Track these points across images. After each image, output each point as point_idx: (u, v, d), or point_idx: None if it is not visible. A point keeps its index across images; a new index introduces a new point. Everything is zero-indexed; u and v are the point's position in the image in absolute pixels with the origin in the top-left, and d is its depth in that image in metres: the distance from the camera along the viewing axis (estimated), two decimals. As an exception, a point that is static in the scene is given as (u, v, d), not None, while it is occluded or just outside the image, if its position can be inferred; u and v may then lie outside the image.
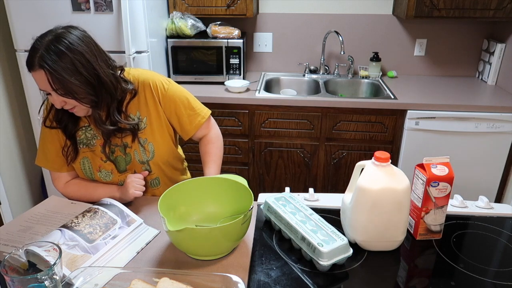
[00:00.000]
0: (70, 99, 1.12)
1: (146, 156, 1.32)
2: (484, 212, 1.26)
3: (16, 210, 2.39)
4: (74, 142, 1.27)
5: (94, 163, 1.30)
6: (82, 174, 1.33)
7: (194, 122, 1.36)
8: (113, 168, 1.32)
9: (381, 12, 2.67)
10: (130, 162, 1.32)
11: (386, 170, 1.04)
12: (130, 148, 1.30)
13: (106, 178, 1.32)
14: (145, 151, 1.31)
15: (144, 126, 1.30)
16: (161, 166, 1.37)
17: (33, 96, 2.21)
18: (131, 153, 1.31)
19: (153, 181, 1.38)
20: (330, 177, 2.46)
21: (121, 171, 1.32)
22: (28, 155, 2.53)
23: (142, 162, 1.32)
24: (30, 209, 1.23)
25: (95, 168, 1.31)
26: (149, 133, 1.31)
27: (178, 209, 1.13)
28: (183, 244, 1.01)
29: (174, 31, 2.43)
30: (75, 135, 1.27)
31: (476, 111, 2.21)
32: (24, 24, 2.06)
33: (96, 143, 1.29)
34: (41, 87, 1.12)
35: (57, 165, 1.32)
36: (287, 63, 2.84)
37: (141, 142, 1.30)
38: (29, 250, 0.86)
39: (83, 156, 1.30)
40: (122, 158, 1.31)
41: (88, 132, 1.28)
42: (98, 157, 1.29)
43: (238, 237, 1.05)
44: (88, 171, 1.31)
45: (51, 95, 1.13)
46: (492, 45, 2.56)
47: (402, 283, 0.99)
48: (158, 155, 1.33)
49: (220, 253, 1.05)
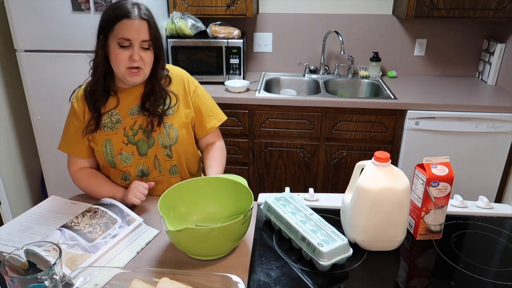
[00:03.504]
0: (149, 54, 1.25)
1: (169, 140, 1.35)
2: (484, 212, 1.26)
3: (16, 210, 2.39)
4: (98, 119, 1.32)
5: (116, 145, 1.33)
6: (103, 157, 1.34)
7: (210, 123, 1.45)
8: (134, 151, 1.34)
9: (381, 12, 2.67)
10: (152, 145, 1.34)
11: (386, 170, 1.04)
12: (154, 131, 1.33)
13: (126, 161, 1.34)
14: (169, 135, 1.35)
15: (172, 112, 1.36)
16: (182, 154, 1.40)
17: (33, 96, 2.21)
18: (155, 137, 1.34)
19: (172, 168, 1.40)
20: (330, 177, 2.46)
21: (142, 155, 1.35)
22: (28, 155, 2.53)
23: (165, 146, 1.35)
24: (30, 209, 1.23)
25: (117, 151, 1.33)
26: (175, 120, 1.36)
27: (178, 209, 1.13)
28: (183, 244, 1.01)
29: (174, 31, 2.43)
30: (100, 112, 1.32)
31: (476, 111, 2.21)
32: (24, 24, 2.07)
33: (119, 127, 1.33)
34: (134, 35, 1.21)
35: (77, 151, 1.37)
36: (287, 63, 2.84)
37: (166, 126, 1.34)
38: (29, 250, 0.86)
39: (106, 138, 1.33)
40: (144, 141, 1.34)
41: (113, 117, 1.33)
42: (120, 140, 1.33)
43: (238, 237, 1.05)
44: (110, 153, 1.33)
45: (125, 49, 1.22)
46: (492, 45, 2.56)
47: (402, 283, 0.99)
48: (181, 142, 1.37)
49: (220, 253, 1.05)
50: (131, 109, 1.33)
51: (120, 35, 1.20)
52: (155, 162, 1.36)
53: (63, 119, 2.24)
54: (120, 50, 1.22)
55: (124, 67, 1.23)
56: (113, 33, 1.21)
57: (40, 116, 2.24)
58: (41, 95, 2.20)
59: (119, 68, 1.24)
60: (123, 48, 1.22)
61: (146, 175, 1.37)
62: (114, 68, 1.26)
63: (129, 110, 1.33)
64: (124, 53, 1.22)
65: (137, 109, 1.33)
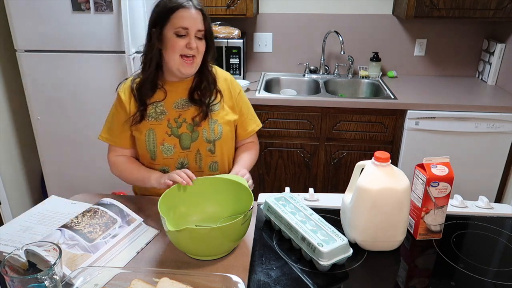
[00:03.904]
0: (203, 44, 1.29)
1: (214, 135, 1.36)
2: (484, 212, 1.26)
3: (16, 210, 2.39)
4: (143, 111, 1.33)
5: (159, 136, 1.34)
6: (144, 147, 1.35)
7: (251, 127, 1.48)
8: (176, 144, 1.35)
9: (381, 12, 2.67)
10: (196, 139, 1.35)
11: (386, 170, 1.04)
12: (199, 126, 1.35)
13: (167, 153, 1.35)
14: (213, 130, 1.36)
15: (217, 109, 1.38)
16: (224, 151, 1.41)
17: (33, 96, 2.21)
18: (200, 131, 1.35)
19: (212, 164, 1.40)
20: (330, 177, 2.46)
21: (184, 148, 1.35)
22: (28, 155, 2.53)
23: (209, 141, 1.36)
24: (30, 209, 1.23)
25: (159, 141, 1.34)
26: (220, 116, 1.38)
27: (178, 209, 1.13)
28: (183, 244, 1.02)
29: (174, 31, 2.43)
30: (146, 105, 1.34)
31: (476, 111, 2.21)
32: (24, 24, 2.06)
33: (163, 118, 1.34)
34: (191, 24, 1.25)
35: (119, 140, 1.38)
36: (287, 63, 2.84)
37: (211, 121, 1.36)
38: (29, 250, 0.86)
39: (150, 127, 1.34)
40: (188, 135, 1.35)
41: (158, 108, 1.34)
42: (164, 131, 1.34)
43: (238, 237, 1.05)
44: (152, 143, 1.34)
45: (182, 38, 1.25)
46: (492, 45, 2.56)
47: (402, 283, 0.99)
48: (225, 138, 1.39)
49: (220, 253, 1.05)
50: (176, 102, 1.35)
51: (178, 25, 1.24)
52: (197, 157, 1.37)
53: (63, 119, 2.25)
54: (177, 39, 1.25)
55: (178, 54, 1.26)
56: (169, 24, 1.25)
57: (40, 116, 2.24)
58: (41, 95, 2.20)
59: (174, 56, 1.27)
60: (180, 37, 1.25)
61: None
62: (168, 57, 1.28)
63: (174, 103, 1.35)
64: (181, 41, 1.25)
65: (183, 103, 1.35)
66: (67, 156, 2.32)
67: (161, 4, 1.27)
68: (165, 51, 1.28)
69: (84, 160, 2.32)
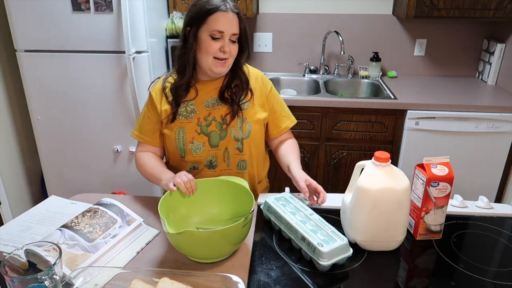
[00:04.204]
0: (236, 47, 1.29)
1: (242, 134, 1.36)
2: (484, 212, 1.26)
3: (16, 210, 2.39)
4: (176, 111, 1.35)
5: (189, 134, 1.35)
6: (174, 144, 1.36)
7: (284, 123, 1.46)
8: (205, 142, 1.35)
9: (381, 12, 2.67)
10: (224, 137, 1.36)
11: (386, 170, 1.04)
12: (227, 125, 1.35)
13: (196, 151, 1.35)
14: (242, 129, 1.36)
15: (247, 107, 1.37)
16: (252, 149, 1.41)
17: (33, 96, 2.21)
18: (228, 130, 1.35)
19: (240, 163, 1.40)
20: (330, 177, 2.46)
21: (213, 146, 1.36)
22: (28, 155, 2.53)
23: (237, 139, 1.36)
24: (30, 209, 1.23)
25: (189, 139, 1.35)
26: (249, 115, 1.37)
27: (179, 210, 1.13)
28: (183, 246, 1.01)
29: (174, 31, 2.42)
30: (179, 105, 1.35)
31: (476, 111, 2.21)
32: (24, 24, 2.06)
33: (194, 116, 1.35)
34: (226, 27, 1.25)
35: (148, 139, 1.40)
36: (287, 63, 2.84)
37: (240, 120, 1.36)
38: (29, 250, 0.86)
39: (180, 125, 1.35)
40: (217, 133, 1.35)
41: (188, 107, 1.35)
42: (193, 129, 1.35)
43: (239, 241, 1.04)
44: (182, 141, 1.35)
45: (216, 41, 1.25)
46: (492, 45, 2.56)
47: (402, 283, 0.99)
48: (253, 137, 1.38)
49: (221, 256, 1.04)
50: (206, 101, 1.35)
51: (214, 27, 1.24)
52: (225, 155, 1.37)
53: (63, 119, 2.25)
54: (211, 42, 1.25)
55: (212, 56, 1.27)
56: (205, 25, 1.25)
57: (40, 116, 2.24)
58: (41, 95, 2.20)
59: (207, 58, 1.27)
60: (214, 40, 1.25)
61: (214, 167, 1.38)
62: (201, 58, 1.29)
63: (204, 102, 1.35)
64: (215, 44, 1.25)
65: (213, 102, 1.35)
66: (67, 156, 2.32)
67: (199, 5, 1.26)
68: (199, 51, 1.28)
69: (84, 160, 2.32)
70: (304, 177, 1.28)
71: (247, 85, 1.37)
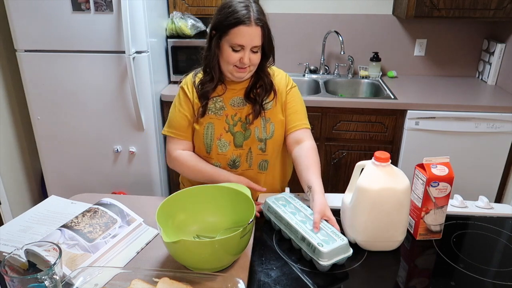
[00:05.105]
0: (257, 56, 1.29)
1: (265, 134, 1.38)
2: (484, 212, 1.26)
3: (16, 210, 2.39)
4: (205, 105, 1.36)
5: (217, 130, 1.36)
6: (202, 140, 1.37)
7: (301, 121, 1.42)
8: (231, 141, 1.37)
9: (381, 12, 2.67)
10: (248, 137, 1.37)
11: (386, 170, 1.04)
12: (251, 124, 1.36)
13: (222, 149, 1.37)
14: (265, 129, 1.37)
15: (270, 107, 1.38)
16: (275, 149, 1.41)
17: (33, 96, 2.21)
18: (252, 129, 1.37)
19: (262, 163, 1.41)
20: (330, 177, 2.46)
21: (237, 146, 1.38)
22: (28, 155, 2.53)
23: (260, 139, 1.38)
24: (30, 209, 1.23)
25: (217, 135, 1.36)
26: (272, 114, 1.38)
27: (177, 217, 1.09)
28: (179, 256, 0.97)
29: (174, 31, 2.43)
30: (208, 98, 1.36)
31: (476, 111, 2.21)
32: (24, 24, 2.06)
33: (222, 113, 1.37)
34: (247, 42, 1.24)
35: (180, 132, 1.39)
36: (287, 63, 2.83)
37: (264, 120, 1.37)
38: (29, 250, 0.86)
39: (209, 121, 1.36)
40: (241, 133, 1.37)
41: (217, 103, 1.37)
42: (222, 126, 1.37)
43: (238, 251, 1.00)
44: (210, 136, 1.36)
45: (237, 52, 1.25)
46: (492, 45, 2.56)
47: (402, 283, 0.99)
48: (276, 137, 1.39)
49: (219, 267, 0.99)
50: (233, 99, 1.37)
51: (234, 41, 1.23)
52: (248, 155, 1.39)
53: (63, 119, 2.25)
54: (232, 53, 1.25)
55: (231, 66, 1.28)
56: (227, 36, 1.24)
57: (40, 116, 2.24)
58: (41, 95, 2.20)
59: (227, 66, 1.29)
60: (235, 51, 1.25)
61: (236, 166, 1.39)
62: (223, 64, 1.30)
63: (231, 100, 1.37)
64: (235, 55, 1.25)
65: (239, 101, 1.37)
66: (67, 156, 2.32)
67: (223, 13, 1.24)
68: (221, 58, 1.29)
69: (84, 160, 2.32)
70: (323, 208, 1.10)
71: (271, 87, 1.37)
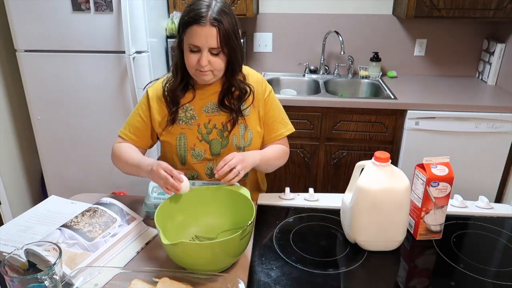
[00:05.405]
0: (219, 59, 1.22)
1: (244, 142, 1.35)
2: (484, 212, 1.26)
3: (16, 210, 2.39)
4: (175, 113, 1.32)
5: (190, 140, 1.33)
6: (175, 151, 1.34)
7: (279, 130, 1.40)
8: (206, 149, 1.34)
9: (381, 12, 2.67)
10: (226, 146, 1.34)
11: (386, 170, 1.04)
12: (229, 132, 1.33)
13: (197, 158, 1.34)
14: (244, 137, 1.35)
15: (248, 113, 1.35)
16: None
17: (33, 96, 2.21)
18: (230, 137, 1.34)
19: None
20: (330, 177, 2.46)
21: (214, 154, 1.35)
22: (28, 155, 2.53)
23: (238, 147, 1.34)
24: (30, 209, 1.23)
25: (190, 146, 1.33)
26: (250, 121, 1.35)
27: (176, 218, 1.08)
28: (178, 257, 0.96)
29: (174, 31, 2.42)
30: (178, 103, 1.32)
31: (476, 111, 2.21)
32: (24, 24, 2.06)
33: (193, 123, 1.33)
34: (202, 42, 1.19)
35: (135, 138, 1.36)
36: (287, 63, 2.84)
37: (241, 127, 1.34)
38: (29, 250, 0.86)
39: (181, 132, 1.33)
40: (218, 141, 1.34)
41: (188, 112, 1.33)
42: (195, 135, 1.33)
43: (237, 253, 1.00)
44: (183, 147, 1.34)
45: (195, 53, 1.21)
46: (492, 45, 2.56)
47: (402, 283, 0.99)
48: (254, 144, 1.37)
49: (218, 269, 0.99)
50: (206, 106, 1.33)
51: (189, 41, 1.20)
52: None
53: (63, 119, 2.25)
54: (190, 54, 1.22)
55: (193, 69, 1.24)
56: (185, 37, 1.22)
57: (40, 116, 2.24)
58: (41, 95, 2.20)
59: (189, 69, 1.26)
60: (193, 52, 1.22)
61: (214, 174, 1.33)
62: (187, 66, 1.26)
63: (204, 107, 1.33)
64: (194, 56, 1.22)
65: (212, 107, 1.33)
66: (67, 156, 2.32)
67: (184, 11, 1.22)
68: (185, 59, 1.25)
69: (84, 160, 2.32)
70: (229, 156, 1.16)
71: (245, 92, 1.32)
